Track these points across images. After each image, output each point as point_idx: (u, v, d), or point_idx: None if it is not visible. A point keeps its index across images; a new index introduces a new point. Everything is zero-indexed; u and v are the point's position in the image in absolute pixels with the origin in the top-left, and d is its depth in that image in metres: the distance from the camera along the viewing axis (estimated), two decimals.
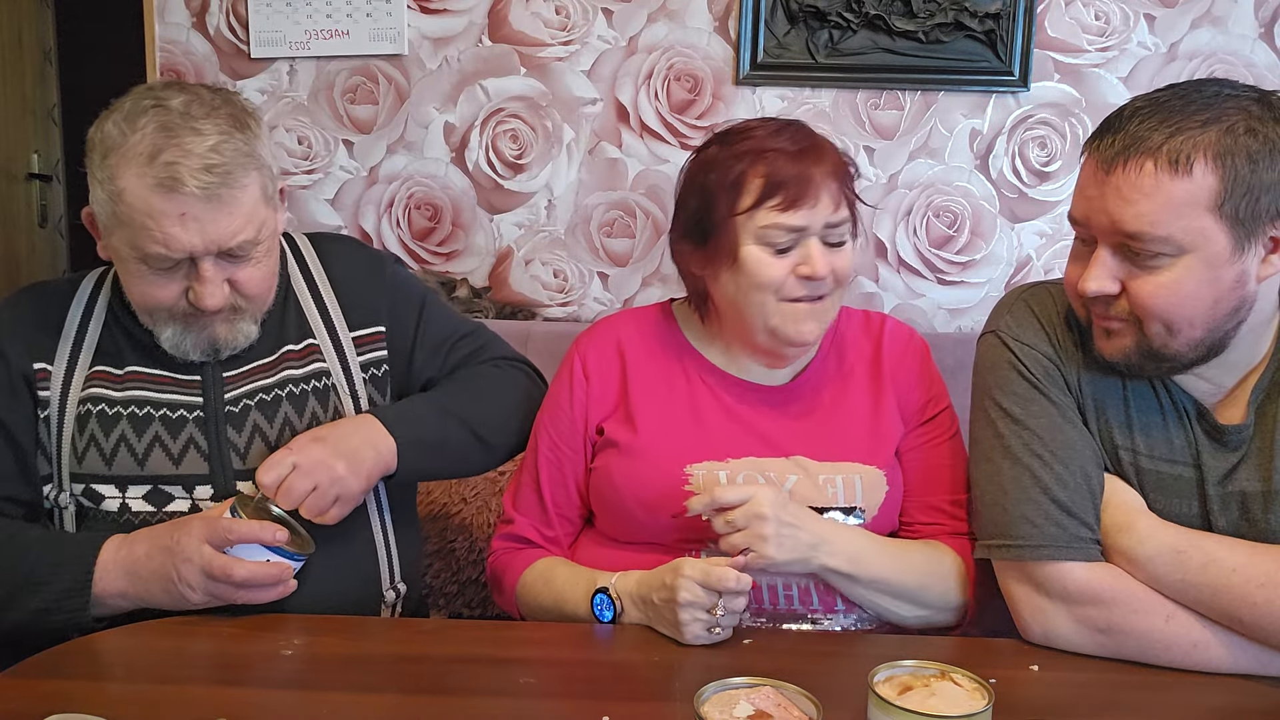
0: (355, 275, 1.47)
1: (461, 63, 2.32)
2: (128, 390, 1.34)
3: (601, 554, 1.39)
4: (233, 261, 1.28)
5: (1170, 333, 1.12)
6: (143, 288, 1.28)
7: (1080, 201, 1.15)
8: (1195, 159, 1.06)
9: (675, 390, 1.40)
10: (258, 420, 1.36)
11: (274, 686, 1.11)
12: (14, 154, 3.55)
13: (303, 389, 1.38)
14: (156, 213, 1.21)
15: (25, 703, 1.02)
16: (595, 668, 1.21)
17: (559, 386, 1.44)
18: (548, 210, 2.37)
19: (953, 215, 2.31)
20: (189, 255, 1.24)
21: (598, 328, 1.48)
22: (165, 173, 1.20)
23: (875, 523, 1.34)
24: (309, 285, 1.45)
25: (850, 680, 1.03)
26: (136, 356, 1.36)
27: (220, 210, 1.23)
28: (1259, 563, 1.12)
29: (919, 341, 1.45)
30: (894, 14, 2.20)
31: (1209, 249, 1.08)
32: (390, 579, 1.42)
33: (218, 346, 1.33)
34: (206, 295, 1.26)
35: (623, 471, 1.36)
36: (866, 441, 1.37)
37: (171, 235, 1.22)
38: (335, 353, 1.42)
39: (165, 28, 2.33)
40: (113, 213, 1.24)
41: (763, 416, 1.38)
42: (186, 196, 1.21)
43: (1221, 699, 1.11)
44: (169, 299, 1.28)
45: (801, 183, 1.28)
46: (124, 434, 1.32)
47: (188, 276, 1.26)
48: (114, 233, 1.26)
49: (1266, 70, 2.22)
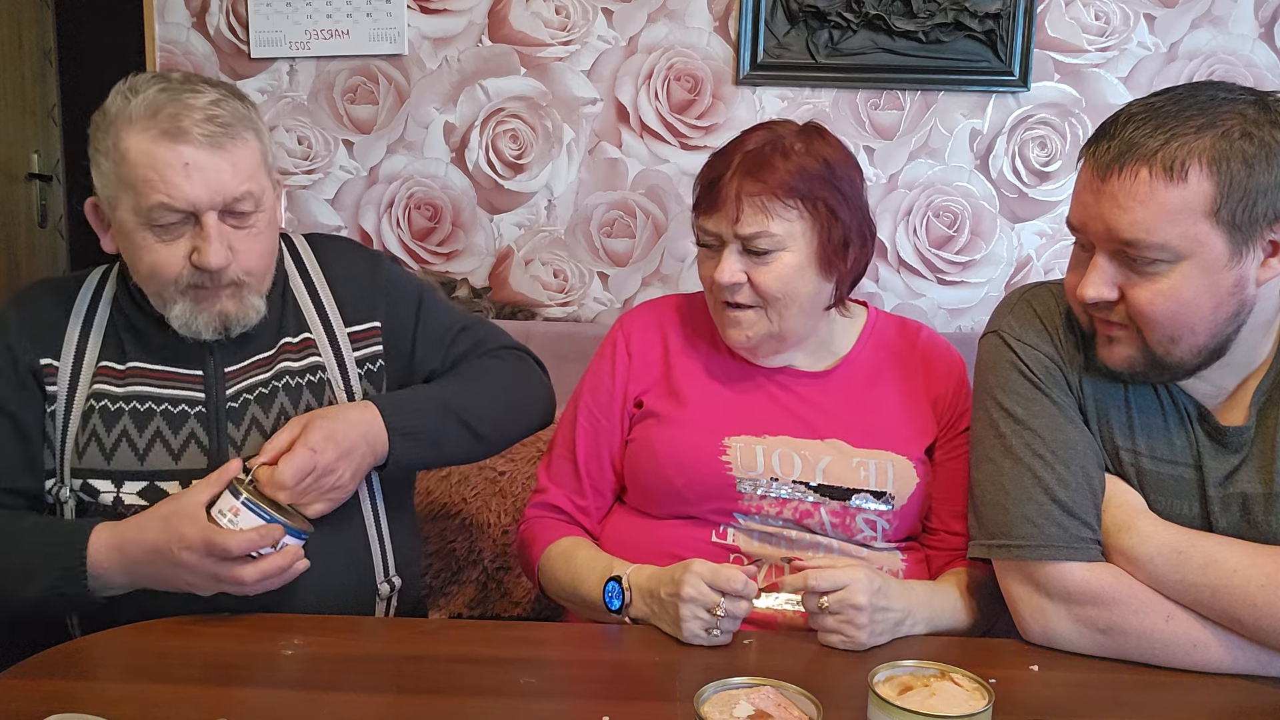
0: (352, 272, 1.48)
1: (461, 63, 2.32)
2: (129, 386, 1.35)
3: (633, 526, 1.42)
4: (235, 224, 1.29)
5: (1173, 340, 1.12)
6: (149, 259, 1.29)
7: (1077, 208, 1.15)
8: (1190, 165, 1.05)
9: (715, 370, 1.45)
10: (256, 414, 1.36)
11: (274, 686, 1.11)
12: (14, 154, 3.55)
13: (298, 382, 1.39)
14: (160, 163, 1.23)
15: (25, 703, 1.02)
16: (595, 668, 1.21)
17: (601, 360, 1.49)
18: (548, 210, 2.37)
19: (953, 215, 2.31)
20: (192, 209, 1.25)
21: (643, 307, 1.54)
22: (168, 124, 1.24)
23: (903, 511, 1.37)
24: (305, 282, 1.46)
25: (850, 680, 1.03)
26: (140, 352, 1.36)
27: (223, 159, 1.26)
28: (1259, 564, 1.12)
29: (957, 355, 1.49)
30: (894, 14, 2.20)
31: (1206, 255, 1.08)
32: (384, 571, 1.42)
33: (228, 323, 1.33)
34: (211, 253, 1.26)
35: (663, 439, 1.39)
36: (900, 432, 1.40)
37: (174, 185, 1.24)
38: (330, 347, 1.43)
39: (165, 28, 2.33)
40: (117, 178, 1.26)
41: (800, 400, 1.42)
42: (189, 145, 1.24)
43: (1221, 699, 1.11)
44: (175, 266, 1.28)
45: (716, 189, 1.34)
46: (125, 430, 1.33)
47: (192, 239, 1.27)
48: (119, 203, 1.28)
49: (1266, 70, 2.22)
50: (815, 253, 1.35)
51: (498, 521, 1.90)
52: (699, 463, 1.36)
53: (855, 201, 1.38)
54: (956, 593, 1.31)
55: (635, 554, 1.35)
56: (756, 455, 1.36)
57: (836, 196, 1.35)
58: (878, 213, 2.29)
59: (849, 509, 1.35)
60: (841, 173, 1.36)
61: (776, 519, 1.36)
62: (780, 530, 1.36)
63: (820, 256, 1.35)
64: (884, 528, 1.37)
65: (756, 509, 1.36)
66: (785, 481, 1.35)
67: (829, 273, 1.37)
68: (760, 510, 1.36)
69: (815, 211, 1.34)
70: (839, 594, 1.19)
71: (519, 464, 1.91)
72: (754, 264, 1.34)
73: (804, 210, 1.33)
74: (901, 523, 1.38)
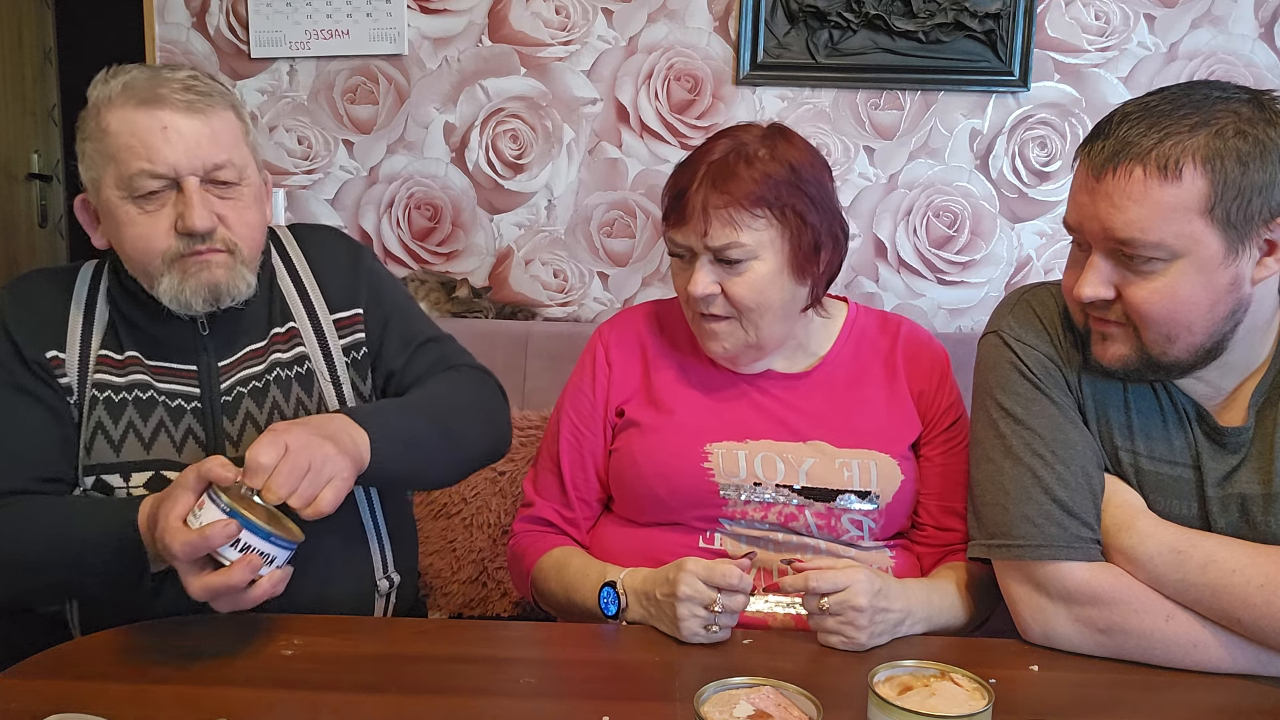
0: (335, 261, 1.48)
1: (461, 63, 2.32)
2: (130, 375, 1.34)
3: (621, 534, 1.42)
4: (218, 194, 1.29)
5: (1169, 340, 1.12)
6: (133, 232, 1.28)
7: (1073, 208, 1.15)
8: (1184, 163, 1.05)
9: (695, 376, 1.44)
10: (250, 408, 1.36)
11: (274, 686, 1.11)
12: (14, 154, 3.55)
13: (287, 374, 1.39)
14: (140, 129, 1.25)
15: (25, 703, 1.02)
16: (595, 668, 1.21)
17: (581, 372, 1.49)
18: (548, 210, 2.37)
19: (953, 215, 2.31)
20: (173, 173, 1.26)
21: (620, 316, 1.54)
22: (146, 93, 1.26)
23: (889, 509, 1.37)
24: (290, 273, 1.46)
25: (850, 680, 1.03)
26: (135, 346, 1.36)
27: (201, 125, 1.27)
28: (1259, 564, 1.12)
29: (939, 347, 1.48)
30: (894, 14, 2.20)
31: (1201, 253, 1.08)
32: (383, 567, 1.42)
33: (218, 294, 1.31)
34: (194, 215, 1.26)
35: (644, 448, 1.39)
36: (882, 431, 1.40)
37: (154, 149, 1.25)
38: (315, 336, 1.42)
39: (165, 28, 2.33)
40: (99, 155, 1.27)
41: (781, 403, 1.42)
42: (167, 109, 1.26)
43: (1221, 699, 1.11)
44: (160, 238, 1.28)
45: (683, 202, 1.34)
46: (131, 420, 1.32)
47: (175, 207, 1.27)
48: (102, 182, 1.28)
49: (1266, 70, 2.22)
50: (787, 259, 1.34)
51: (498, 521, 1.90)
52: (681, 471, 1.36)
53: (824, 203, 1.36)
54: (954, 589, 1.31)
55: (624, 562, 1.34)
56: (739, 461, 1.36)
57: (804, 201, 1.33)
58: (878, 212, 2.30)
59: (834, 510, 1.35)
60: (808, 175, 1.34)
61: (762, 523, 1.36)
62: (767, 534, 1.36)
63: (792, 262, 1.34)
64: (870, 526, 1.37)
65: (741, 514, 1.36)
66: (769, 486, 1.35)
67: (802, 278, 1.36)
68: (745, 515, 1.36)
69: (784, 219, 1.33)
70: (839, 595, 1.19)
71: (519, 464, 1.91)
72: (727, 274, 1.34)
73: (773, 218, 1.32)
74: (888, 521, 1.38)
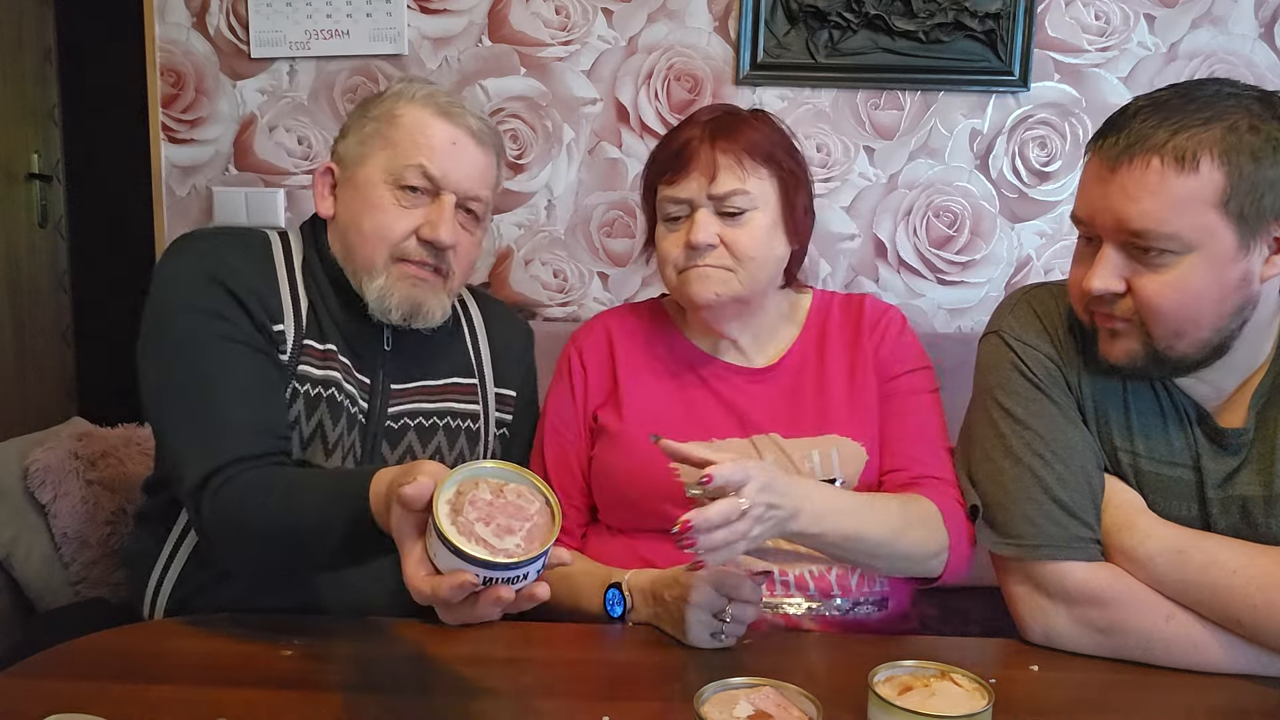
0: (508, 338, 1.54)
1: (461, 63, 2.32)
2: (329, 369, 1.32)
3: (613, 542, 1.42)
4: (461, 220, 1.35)
5: (1177, 335, 1.12)
6: (380, 217, 1.32)
7: (1084, 200, 1.15)
8: (1201, 155, 1.06)
9: (662, 377, 1.45)
10: (412, 441, 1.37)
11: (274, 686, 1.11)
12: (14, 154, 3.55)
13: (458, 424, 1.42)
14: (431, 131, 1.33)
15: (25, 703, 1.02)
16: (595, 668, 1.21)
17: (559, 381, 1.50)
18: (548, 210, 2.36)
19: (953, 215, 2.31)
20: (441, 184, 1.31)
21: (590, 322, 1.55)
22: (448, 108, 1.35)
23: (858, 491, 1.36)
24: (470, 331, 1.50)
25: (850, 680, 1.03)
26: (335, 338, 1.35)
27: (481, 156, 1.37)
28: (1260, 564, 1.12)
29: (896, 312, 1.49)
30: (894, 14, 2.20)
31: (1215, 246, 1.08)
32: None
33: (416, 312, 1.34)
34: (444, 228, 1.31)
35: (614, 453, 1.40)
36: (845, 415, 1.40)
37: (438, 154, 1.31)
38: (482, 401, 1.47)
39: (165, 28, 2.32)
40: (379, 135, 1.33)
41: (745, 397, 1.42)
42: (461, 129, 1.35)
43: (1221, 699, 1.11)
44: (401, 231, 1.32)
45: (686, 152, 1.35)
46: (321, 421, 1.30)
47: (426, 214, 1.32)
48: (367, 160, 1.33)
49: (1267, 70, 2.22)
50: (782, 216, 1.38)
51: None
52: (648, 474, 1.35)
53: (807, 179, 1.43)
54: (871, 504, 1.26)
55: None
56: None
57: (798, 166, 1.41)
58: (877, 212, 2.30)
59: None
60: (796, 150, 1.43)
61: None
62: None
63: (786, 220, 1.38)
64: None
65: None
66: None
67: (793, 238, 1.41)
68: None
69: (782, 175, 1.37)
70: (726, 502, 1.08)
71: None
72: (727, 225, 1.35)
73: (773, 174, 1.36)
74: None
